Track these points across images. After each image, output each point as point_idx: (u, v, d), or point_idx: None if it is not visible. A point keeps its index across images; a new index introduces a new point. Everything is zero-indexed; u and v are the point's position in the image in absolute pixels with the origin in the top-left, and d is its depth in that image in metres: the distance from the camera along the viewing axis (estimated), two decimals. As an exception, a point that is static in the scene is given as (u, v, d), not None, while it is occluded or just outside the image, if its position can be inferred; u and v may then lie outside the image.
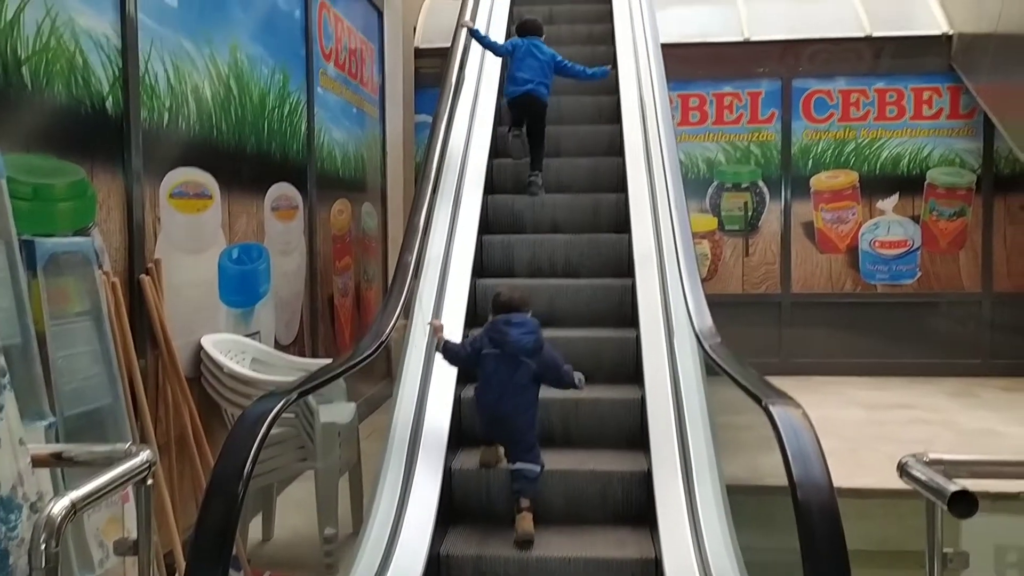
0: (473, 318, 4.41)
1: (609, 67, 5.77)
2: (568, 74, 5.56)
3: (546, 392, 3.51)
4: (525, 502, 3.28)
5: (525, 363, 3.35)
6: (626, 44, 6.38)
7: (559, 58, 5.51)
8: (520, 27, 5.72)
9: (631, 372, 4.18)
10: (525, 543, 3.21)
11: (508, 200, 5.41)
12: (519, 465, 3.34)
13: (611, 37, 6.70)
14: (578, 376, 3.38)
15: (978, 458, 2.15)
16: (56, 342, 2.76)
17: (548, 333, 3.57)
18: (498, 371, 3.37)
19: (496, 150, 5.75)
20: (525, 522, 3.24)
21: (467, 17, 6.09)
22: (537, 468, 3.34)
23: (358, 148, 6.72)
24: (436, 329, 3.57)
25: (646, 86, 5.69)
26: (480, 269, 4.89)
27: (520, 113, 5.43)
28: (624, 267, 4.77)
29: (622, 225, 5.00)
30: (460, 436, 3.84)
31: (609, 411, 3.88)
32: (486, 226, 5.17)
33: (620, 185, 5.28)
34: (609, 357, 4.26)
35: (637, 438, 3.75)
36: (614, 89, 6.03)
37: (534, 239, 5.09)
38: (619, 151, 5.53)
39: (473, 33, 5.79)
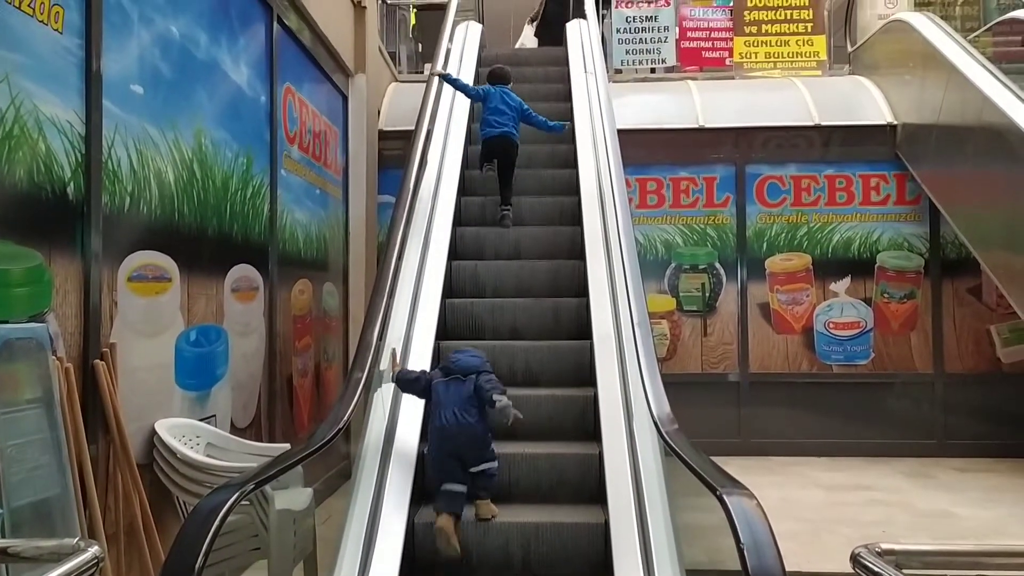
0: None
1: (566, 124, 6.42)
2: (532, 122, 6.28)
3: (505, 516, 3.66)
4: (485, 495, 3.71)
5: (469, 379, 3.72)
6: (586, 138, 6.59)
7: (526, 107, 6.26)
8: (491, 75, 6.45)
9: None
10: (484, 520, 3.66)
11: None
12: (479, 467, 3.66)
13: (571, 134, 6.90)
14: (501, 402, 3.54)
15: (930, 547, 2.18)
16: (5, 430, 2.71)
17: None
18: (447, 392, 3.72)
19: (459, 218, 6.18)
20: (486, 507, 3.69)
21: (439, 67, 6.73)
22: (495, 465, 3.74)
23: (320, 228, 6.77)
24: (394, 361, 4.07)
25: (605, 184, 5.82)
26: (443, 332, 5.09)
27: (492, 152, 6.15)
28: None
29: (583, 330, 5.08)
30: (414, 556, 3.71)
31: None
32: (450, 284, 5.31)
33: (582, 288, 5.35)
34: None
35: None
36: (575, 190, 6.24)
37: (500, 266, 5.73)
38: (580, 253, 5.66)
39: (446, 78, 6.56)
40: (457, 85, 6.52)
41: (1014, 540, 4.29)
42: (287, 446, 4.08)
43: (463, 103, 7.12)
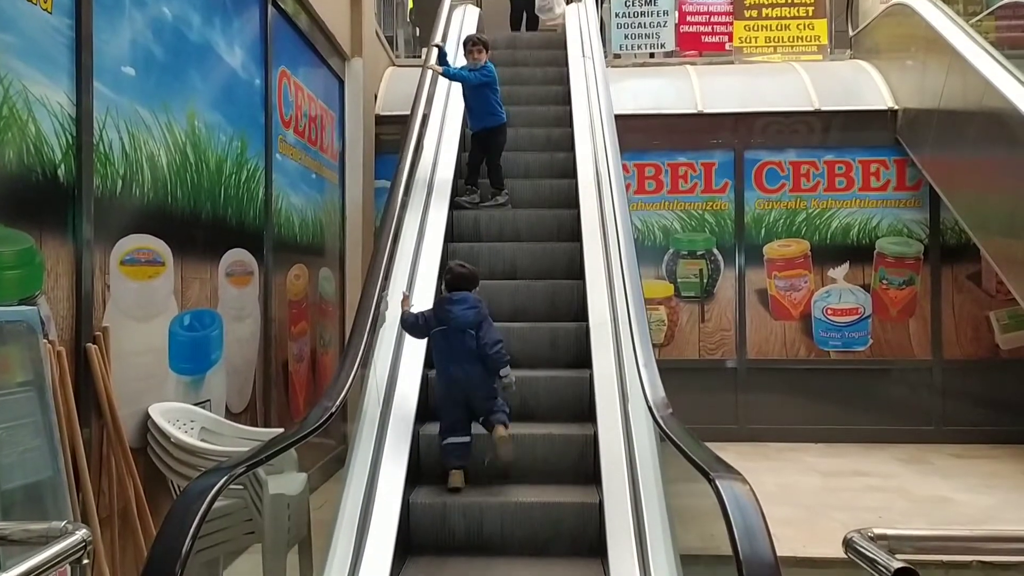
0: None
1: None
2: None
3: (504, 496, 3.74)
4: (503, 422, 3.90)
5: (468, 334, 3.90)
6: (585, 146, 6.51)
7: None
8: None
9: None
10: (502, 439, 3.82)
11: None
12: (491, 410, 3.89)
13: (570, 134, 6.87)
14: (507, 374, 3.89)
15: (924, 533, 2.17)
16: (-4, 414, 2.69)
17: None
18: (448, 345, 3.94)
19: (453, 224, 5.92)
20: (501, 430, 3.85)
21: (433, 60, 6.36)
22: (506, 408, 3.95)
23: (316, 213, 6.73)
24: (404, 300, 4.20)
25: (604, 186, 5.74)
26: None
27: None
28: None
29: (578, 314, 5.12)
30: (408, 540, 3.76)
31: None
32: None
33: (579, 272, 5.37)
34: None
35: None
36: (572, 173, 6.24)
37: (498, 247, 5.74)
38: (576, 235, 5.69)
39: (445, 71, 6.24)
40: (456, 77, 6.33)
41: (1010, 526, 4.28)
42: (281, 431, 4.06)
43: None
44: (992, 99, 6.17)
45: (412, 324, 4.11)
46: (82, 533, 1.94)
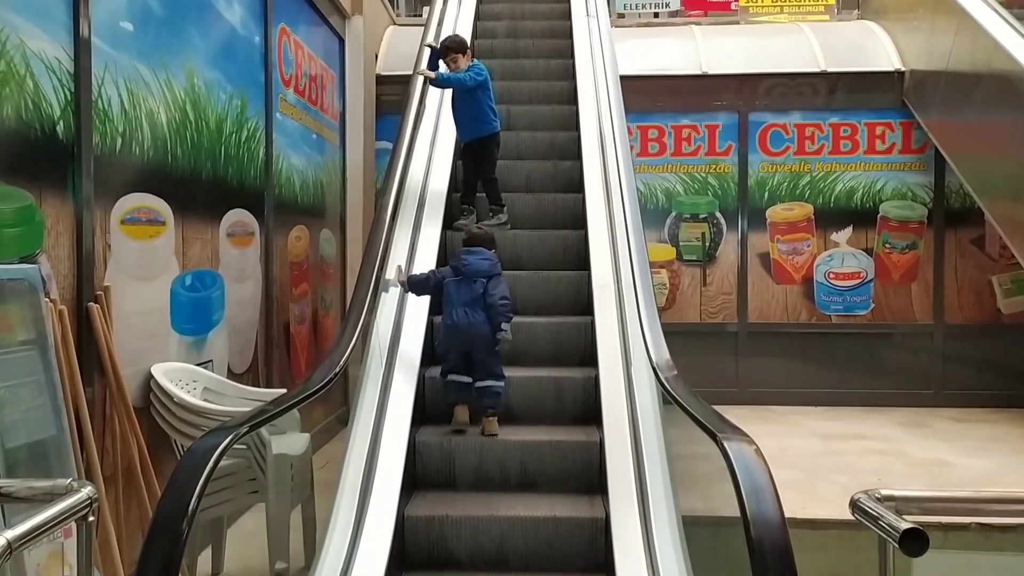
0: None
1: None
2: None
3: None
4: (493, 412, 3.94)
5: (479, 282, 3.96)
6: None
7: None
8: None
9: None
10: (491, 435, 3.87)
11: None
12: (485, 383, 3.93)
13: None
14: (506, 330, 3.91)
15: (929, 494, 2.17)
16: (-2, 372, 2.68)
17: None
18: (458, 291, 3.98)
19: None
20: (491, 424, 3.90)
21: (424, 65, 5.60)
22: (501, 384, 3.95)
23: (317, 174, 6.68)
24: (398, 278, 4.18)
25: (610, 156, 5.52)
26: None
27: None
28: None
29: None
30: (415, 477, 3.80)
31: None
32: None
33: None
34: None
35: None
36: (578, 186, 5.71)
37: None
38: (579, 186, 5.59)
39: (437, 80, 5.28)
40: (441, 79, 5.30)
41: (1009, 488, 4.30)
42: (284, 391, 4.06)
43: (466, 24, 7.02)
44: (1001, 61, 6.09)
45: (421, 281, 4.14)
46: (88, 490, 1.94)
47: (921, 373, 7.95)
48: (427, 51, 5.65)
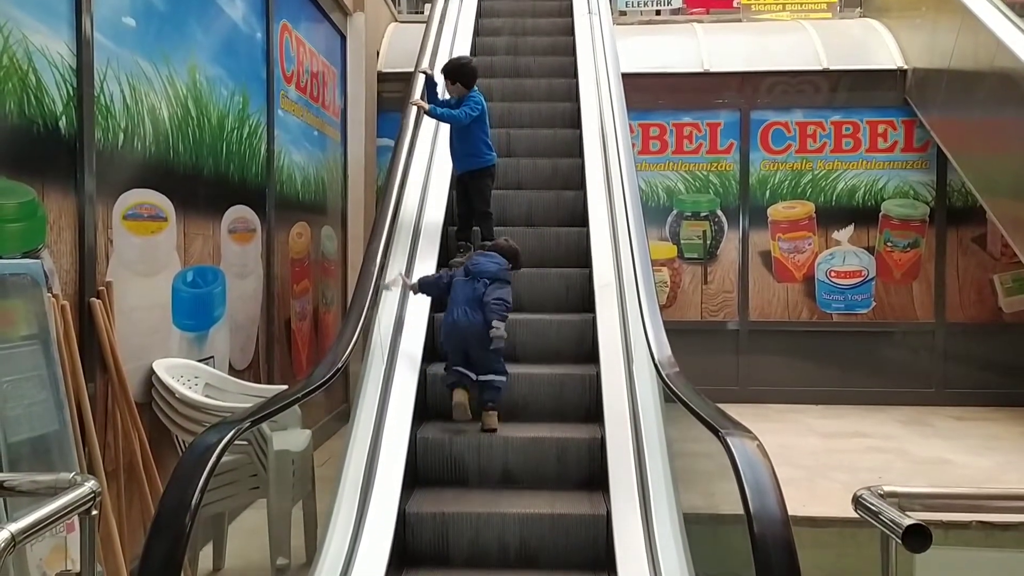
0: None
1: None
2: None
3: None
4: (492, 406, 3.92)
5: (482, 282, 3.98)
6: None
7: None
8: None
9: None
10: (490, 431, 3.86)
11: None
12: (486, 376, 3.90)
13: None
14: (498, 327, 3.84)
15: (932, 491, 2.17)
16: (1, 367, 2.68)
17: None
18: (463, 290, 3.99)
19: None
20: (490, 418, 3.89)
21: (416, 95, 5.34)
22: (503, 379, 3.94)
23: (319, 171, 6.68)
24: (404, 282, 4.25)
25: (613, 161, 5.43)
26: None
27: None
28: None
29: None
30: (416, 474, 3.80)
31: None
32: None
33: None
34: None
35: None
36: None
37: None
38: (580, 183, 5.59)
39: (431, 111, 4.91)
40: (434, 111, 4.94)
41: (1011, 487, 4.30)
42: (285, 387, 4.06)
43: (465, 39, 6.95)
44: (1004, 59, 6.08)
45: (433, 282, 4.18)
46: (91, 484, 1.94)
47: (922, 371, 7.94)
48: (421, 77, 5.30)
